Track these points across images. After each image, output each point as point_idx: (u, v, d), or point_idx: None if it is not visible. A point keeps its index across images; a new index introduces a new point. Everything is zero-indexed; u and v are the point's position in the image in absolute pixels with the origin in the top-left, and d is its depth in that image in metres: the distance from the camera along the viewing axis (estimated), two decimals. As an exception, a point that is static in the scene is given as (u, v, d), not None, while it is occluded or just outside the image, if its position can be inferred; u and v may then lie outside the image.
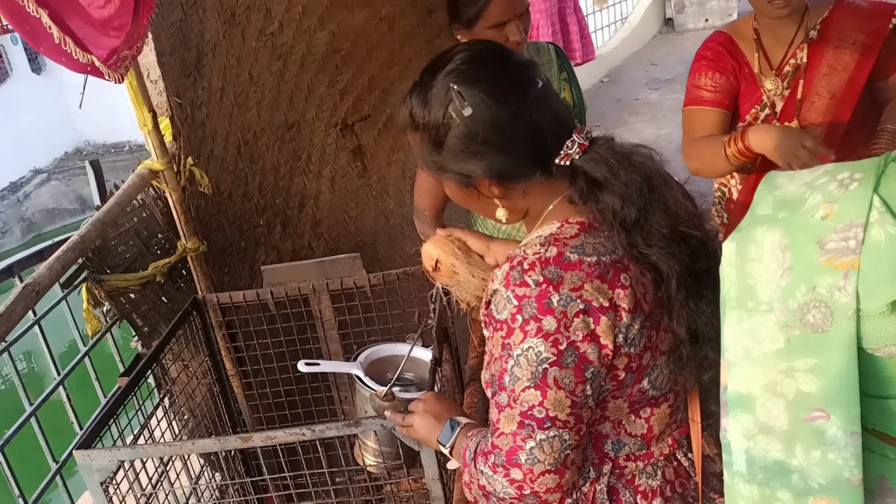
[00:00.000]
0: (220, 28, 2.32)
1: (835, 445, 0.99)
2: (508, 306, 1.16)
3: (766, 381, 1.04)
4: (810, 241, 0.97)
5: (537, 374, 1.14)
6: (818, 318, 0.97)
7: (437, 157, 1.24)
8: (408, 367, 1.89)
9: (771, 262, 1.01)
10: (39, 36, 1.54)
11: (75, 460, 1.66)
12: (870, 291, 0.93)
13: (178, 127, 2.17)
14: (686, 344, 1.23)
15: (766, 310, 1.02)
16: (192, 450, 1.72)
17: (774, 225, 1.01)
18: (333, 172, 2.98)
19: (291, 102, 2.71)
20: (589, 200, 1.20)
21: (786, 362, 1.01)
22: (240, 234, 2.51)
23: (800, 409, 1.02)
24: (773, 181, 1.06)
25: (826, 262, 0.96)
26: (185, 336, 2.17)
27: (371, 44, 3.00)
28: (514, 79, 1.21)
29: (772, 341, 1.02)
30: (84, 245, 1.87)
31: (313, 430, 1.61)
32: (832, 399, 0.98)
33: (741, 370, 1.06)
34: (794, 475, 1.04)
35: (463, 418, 1.42)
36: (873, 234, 0.93)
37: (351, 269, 2.21)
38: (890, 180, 0.94)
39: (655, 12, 8.55)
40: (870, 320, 0.95)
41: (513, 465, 1.18)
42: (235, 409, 2.39)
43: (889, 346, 0.96)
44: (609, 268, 1.16)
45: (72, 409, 2.06)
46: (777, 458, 1.05)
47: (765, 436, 1.06)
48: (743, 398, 1.07)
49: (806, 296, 0.98)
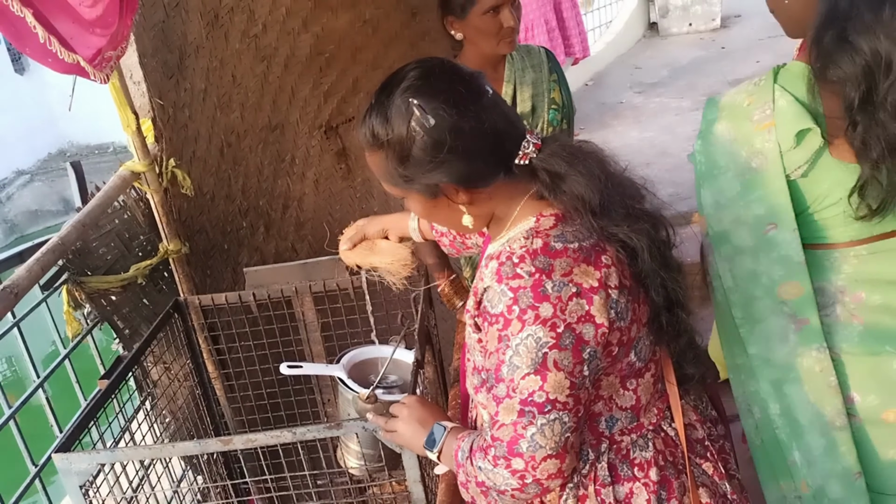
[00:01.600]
0: (203, 30, 2.31)
1: (784, 244, 1.54)
2: (504, 299, 1.20)
3: (733, 217, 1.58)
4: (744, 119, 1.55)
5: (537, 359, 1.18)
6: (759, 163, 1.53)
7: (403, 171, 1.27)
8: (391, 370, 1.89)
9: (723, 140, 1.57)
10: (24, 37, 1.53)
11: (55, 465, 1.65)
12: (784, 136, 1.50)
13: (161, 128, 2.16)
14: (664, 312, 1.32)
15: (725, 170, 1.57)
16: (173, 453, 1.71)
17: (722, 119, 1.60)
18: (317, 174, 2.97)
19: (275, 104, 2.70)
20: (556, 192, 1.27)
21: (743, 199, 1.56)
22: (223, 235, 2.50)
23: (758, 227, 1.56)
24: (713, 100, 1.65)
25: (756, 127, 1.53)
26: (167, 338, 2.15)
27: (355, 46, 3.00)
28: (468, 88, 1.26)
29: (731, 189, 1.57)
30: (64, 247, 1.85)
31: (294, 433, 1.61)
32: (776, 213, 1.53)
33: (715, 219, 1.60)
34: (763, 277, 1.58)
35: (448, 422, 1.43)
36: (779, 103, 1.51)
37: (334, 270, 2.20)
38: (781, 75, 1.55)
39: (640, 17, 8.59)
40: (786, 155, 1.51)
41: (514, 455, 1.22)
42: (217, 412, 2.37)
43: (797, 170, 1.52)
44: (591, 252, 1.23)
45: (52, 412, 2.04)
46: (749, 267, 1.59)
47: (739, 256, 1.59)
48: (719, 234, 1.60)
49: (748, 151, 1.54)
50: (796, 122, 1.48)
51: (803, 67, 1.51)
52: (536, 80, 2.37)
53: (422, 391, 1.88)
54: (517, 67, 2.37)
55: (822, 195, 1.52)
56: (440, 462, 1.43)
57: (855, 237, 1.54)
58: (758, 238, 1.55)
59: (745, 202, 1.55)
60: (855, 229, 1.53)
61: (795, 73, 1.53)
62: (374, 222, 1.86)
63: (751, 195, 1.54)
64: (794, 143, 1.48)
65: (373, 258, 1.82)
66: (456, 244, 1.76)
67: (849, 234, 1.54)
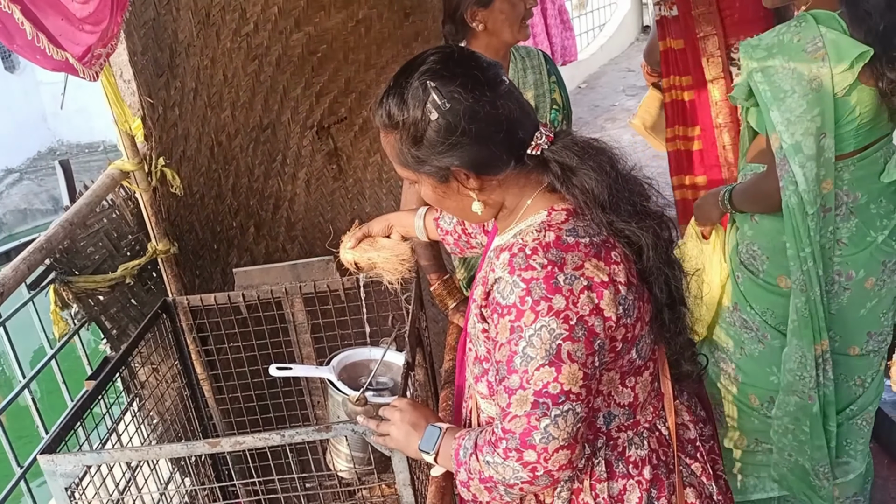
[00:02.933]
0: (194, 28, 2.29)
1: (828, 149, 1.91)
2: (516, 290, 1.21)
3: (803, 130, 1.88)
4: (798, 51, 1.87)
5: (551, 350, 1.19)
6: (816, 85, 1.85)
7: (416, 152, 1.28)
8: (382, 372, 1.88)
9: (784, 69, 1.88)
10: (12, 33, 1.51)
11: (40, 466, 1.62)
12: (837, 61, 1.83)
13: (150, 127, 2.14)
14: (666, 309, 1.35)
15: (791, 92, 1.88)
16: (160, 455, 1.69)
17: (774, 56, 1.90)
18: (309, 175, 2.95)
19: (266, 104, 2.68)
20: (567, 184, 1.28)
21: (808, 115, 1.87)
22: (212, 235, 2.48)
23: (818, 137, 1.88)
24: (749, 43, 1.95)
25: (811, 56, 1.85)
26: (155, 339, 2.13)
27: (348, 46, 2.99)
28: (486, 75, 1.27)
29: (798, 107, 1.87)
30: (51, 246, 1.83)
31: (282, 436, 1.59)
32: (827, 125, 1.88)
33: (788, 134, 1.89)
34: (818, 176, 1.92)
35: (442, 423, 1.43)
36: (828, 37, 1.84)
37: (324, 272, 2.19)
38: (817, 17, 1.87)
39: (633, 19, 8.61)
40: (835, 78, 1.84)
41: (527, 448, 1.22)
42: (206, 414, 2.35)
43: (841, 91, 1.85)
44: (601, 247, 1.25)
45: (38, 412, 2.02)
46: (814, 170, 1.91)
47: (809, 161, 1.89)
48: (793, 146, 1.89)
49: (808, 76, 1.85)
50: (851, 49, 1.81)
51: (827, 12, 1.87)
52: (537, 81, 2.40)
53: (412, 394, 1.86)
54: (519, 68, 2.38)
55: (849, 111, 1.88)
56: (437, 464, 1.42)
57: (856, 146, 1.94)
58: (817, 146, 1.89)
59: (810, 117, 1.87)
60: (856, 141, 1.94)
61: (826, 16, 1.87)
62: (380, 220, 1.86)
63: (813, 111, 1.86)
64: (849, 65, 1.82)
65: (371, 253, 1.81)
66: (461, 243, 1.75)
67: (852, 146, 1.94)
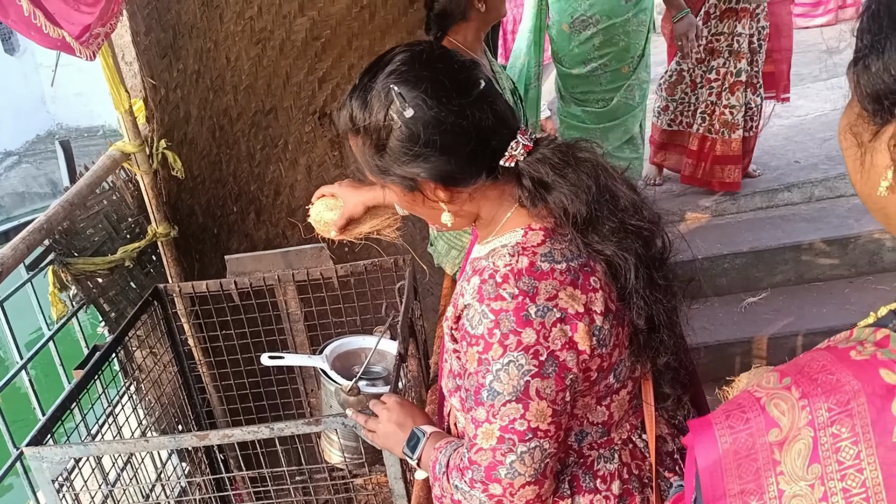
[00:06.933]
0: (198, 10, 2.27)
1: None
2: (484, 321, 1.14)
3: None
4: None
5: (519, 387, 1.12)
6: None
7: (379, 161, 1.20)
8: (375, 361, 1.86)
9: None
10: (6, 6, 1.49)
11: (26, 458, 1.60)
12: None
13: (152, 109, 2.12)
14: (643, 332, 1.24)
15: None
16: (147, 447, 1.67)
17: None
18: (310, 161, 2.94)
19: (269, 88, 2.66)
20: (537, 201, 1.19)
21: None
22: (212, 220, 2.47)
23: None
24: None
25: None
26: (150, 325, 2.12)
27: (352, 32, 2.97)
28: (456, 79, 1.18)
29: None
30: (50, 226, 1.82)
31: (272, 429, 1.57)
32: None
33: None
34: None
35: (428, 427, 1.40)
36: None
37: (317, 259, 2.16)
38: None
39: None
40: None
41: (492, 481, 1.17)
42: (200, 401, 2.34)
43: None
44: (578, 273, 1.16)
45: (35, 395, 2.01)
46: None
47: None
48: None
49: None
50: None
51: None
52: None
53: (404, 385, 1.84)
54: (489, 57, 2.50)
55: None
56: (420, 468, 1.40)
57: None
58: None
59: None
60: None
61: None
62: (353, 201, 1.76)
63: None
64: None
65: (361, 227, 1.78)
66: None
67: None
